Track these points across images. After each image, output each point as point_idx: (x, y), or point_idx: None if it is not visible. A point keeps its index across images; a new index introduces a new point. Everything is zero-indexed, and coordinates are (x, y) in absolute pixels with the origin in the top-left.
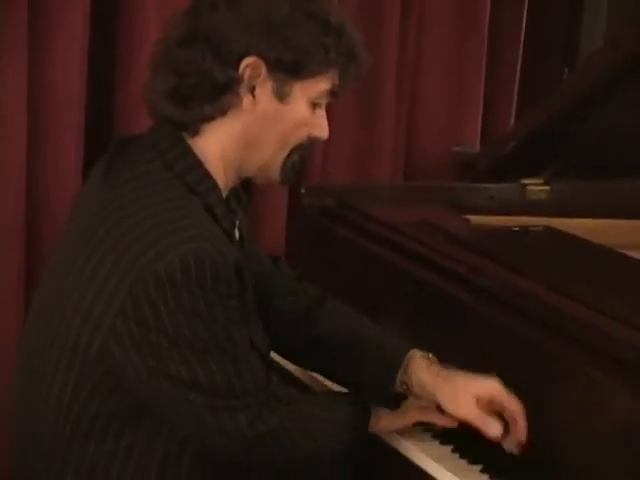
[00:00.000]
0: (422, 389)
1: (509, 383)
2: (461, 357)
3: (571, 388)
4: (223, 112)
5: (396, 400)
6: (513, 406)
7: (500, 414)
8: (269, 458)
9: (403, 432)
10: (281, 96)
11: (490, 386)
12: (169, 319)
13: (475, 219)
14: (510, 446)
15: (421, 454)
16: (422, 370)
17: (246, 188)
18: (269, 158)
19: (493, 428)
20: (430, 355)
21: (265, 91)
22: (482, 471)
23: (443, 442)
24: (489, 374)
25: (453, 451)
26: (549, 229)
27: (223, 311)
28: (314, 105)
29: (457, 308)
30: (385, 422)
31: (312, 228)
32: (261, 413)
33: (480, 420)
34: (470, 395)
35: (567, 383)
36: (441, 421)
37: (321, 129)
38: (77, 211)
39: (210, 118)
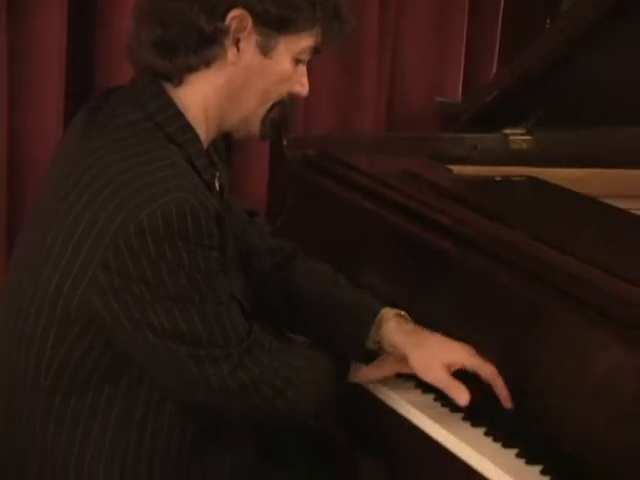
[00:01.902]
0: (394, 349)
1: (493, 334)
2: (444, 309)
3: (555, 338)
4: (207, 63)
5: (370, 357)
6: (486, 370)
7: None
8: (251, 408)
9: (385, 381)
10: (265, 50)
11: (460, 355)
12: (151, 269)
13: (458, 169)
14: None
15: (403, 403)
16: (393, 331)
17: (227, 141)
18: (250, 112)
19: (461, 397)
20: (402, 313)
21: (250, 44)
22: (464, 419)
23: (425, 391)
24: (463, 339)
25: (435, 399)
26: (532, 179)
27: (205, 261)
28: (297, 61)
29: (440, 259)
30: (365, 373)
31: (294, 179)
32: (243, 362)
33: (449, 388)
34: (440, 362)
35: (552, 333)
36: None
37: (302, 86)
38: (57, 164)
39: (194, 69)
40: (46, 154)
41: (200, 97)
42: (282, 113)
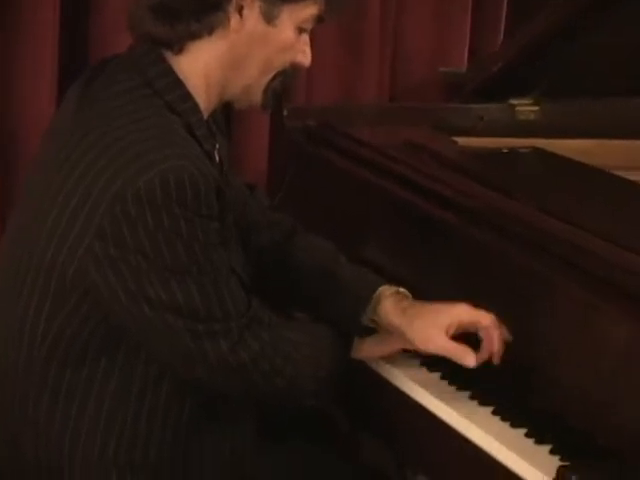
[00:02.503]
0: (392, 330)
1: (497, 308)
2: (448, 282)
3: (561, 311)
4: (210, 31)
5: (368, 333)
6: (483, 321)
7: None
8: (250, 385)
9: (390, 359)
10: (269, 18)
11: (456, 311)
12: (148, 239)
13: (462, 141)
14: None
15: (408, 381)
16: (390, 311)
17: (226, 113)
18: (253, 80)
19: (467, 358)
20: (401, 290)
21: (253, 12)
22: (471, 397)
23: (431, 369)
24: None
25: (442, 378)
26: (538, 150)
27: (203, 232)
28: (300, 30)
29: (444, 232)
30: (368, 349)
31: (295, 151)
32: (242, 338)
33: (453, 352)
34: (438, 328)
35: (556, 306)
36: None
37: (304, 55)
38: (50, 138)
39: (196, 36)
40: (38, 129)
41: (201, 65)
42: (284, 83)
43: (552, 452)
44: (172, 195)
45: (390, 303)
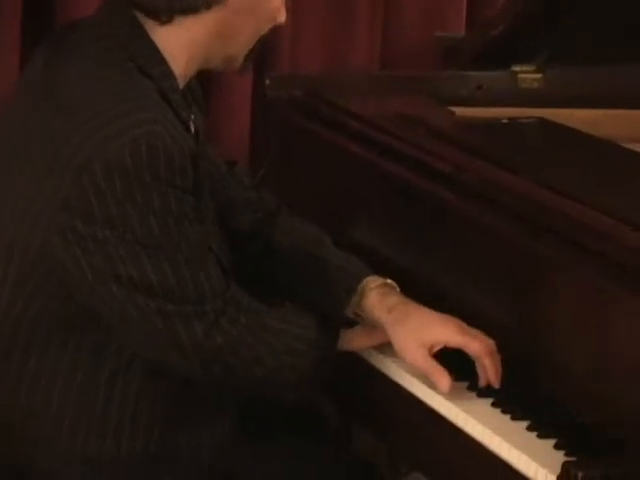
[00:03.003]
0: (376, 324)
1: (497, 289)
2: (444, 265)
3: (566, 294)
4: (208, 6)
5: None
6: (472, 349)
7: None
8: (228, 374)
9: (382, 348)
10: None
11: (444, 332)
12: (117, 211)
13: (460, 111)
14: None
15: (402, 371)
16: (376, 305)
17: (203, 84)
18: (240, 50)
19: (441, 382)
20: (388, 281)
21: None
22: (469, 388)
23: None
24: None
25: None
26: (542, 121)
27: (177, 204)
28: None
29: (440, 210)
30: (359, 340)
31: (278, 124)
32: (218, 322)
33: (429, 372)
34: (420, 344)
35: (562, 290)
36: None
37: (281, 13)
38: (15, 104)
39: (191, 11)
40: (1, 93)
41: (187, 37)
42: (261, 42)
43: (556, 447)
44: (144, 163)
45: (376, 297)
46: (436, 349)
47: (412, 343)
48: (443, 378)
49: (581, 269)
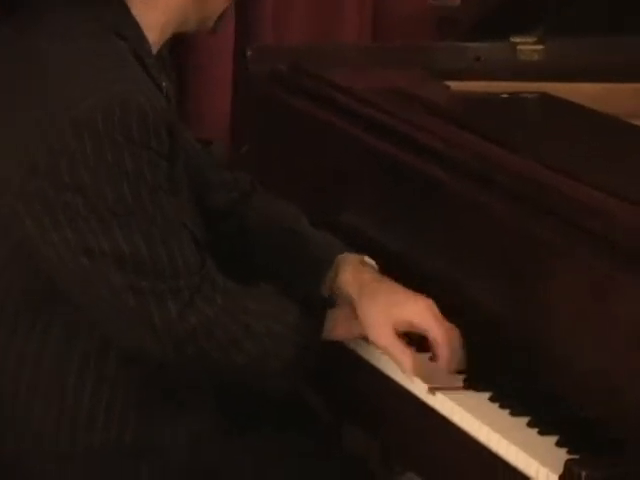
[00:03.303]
0: (348, 300)
1: (492, 271)
2: (437, 248)
3: (568, 280)
4: None
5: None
6: (432, 333)
7: None
8: (202, 357)
9: None
10: None
11: (411, 309)
12: (88, 175)
13: (456, 85)
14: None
15: (394, 364)
16: (350, 281)
17: (180, 56)
18: (216, 9)
19: (404, 362)
20: (365, 258)
21: None
22: (465, 380)
23: (419, 350)
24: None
25: (431, 359)
26: (543, 95)
27: (151, 171)
28: None
29: (434, 189)
30: (344, 328)
31: (261, 99)
32: (193, 300)
33: (391, 351)
34: (385, 319)
35: (560, 272)
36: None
37: None
38: None
39: None
40: None
41: (164, 2)
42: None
43: (558, 444)
44: (116, 124)
45: (350, 272)
46: (401, 329)
47: (379, 320)
48: (406, 358)
49: (583, 254)
